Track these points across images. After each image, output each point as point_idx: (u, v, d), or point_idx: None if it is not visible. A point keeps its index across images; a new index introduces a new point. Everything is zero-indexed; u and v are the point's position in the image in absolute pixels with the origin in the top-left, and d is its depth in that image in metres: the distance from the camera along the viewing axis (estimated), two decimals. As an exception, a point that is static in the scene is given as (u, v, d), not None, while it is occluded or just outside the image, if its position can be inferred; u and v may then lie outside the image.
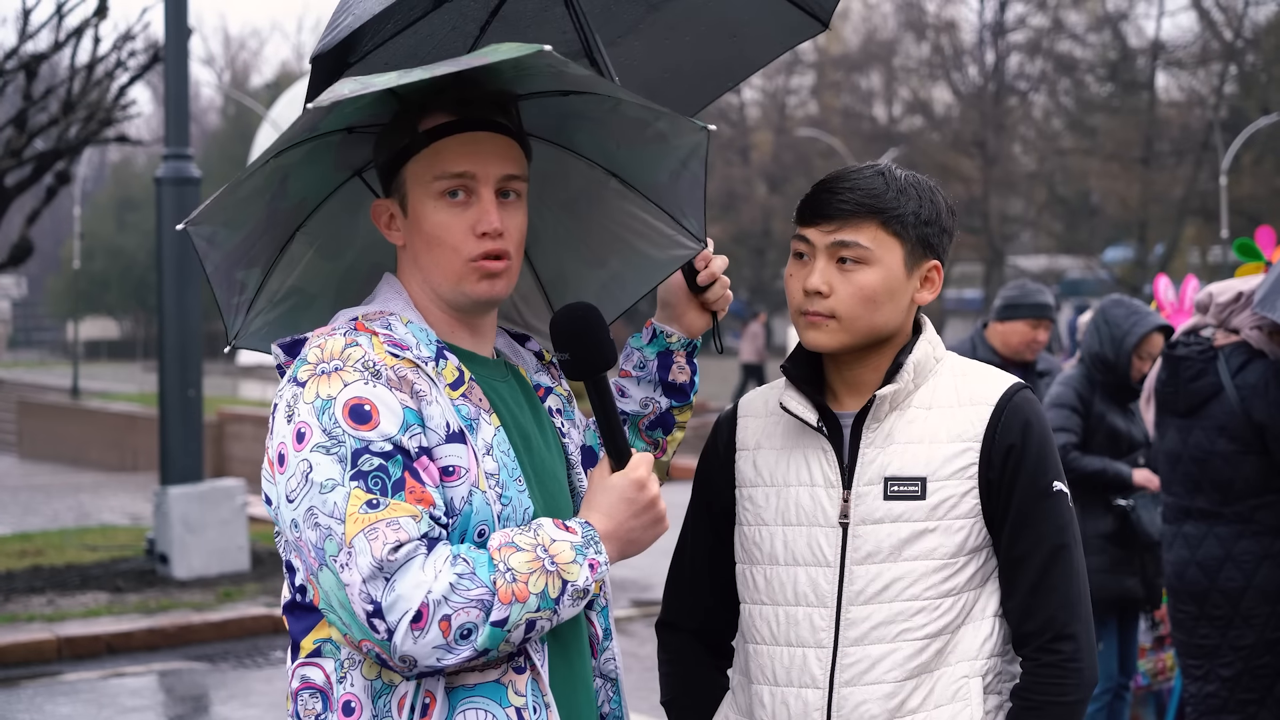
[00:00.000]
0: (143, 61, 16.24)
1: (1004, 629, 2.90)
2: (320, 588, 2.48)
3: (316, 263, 2.92)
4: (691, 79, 3.52)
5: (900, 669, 2.82)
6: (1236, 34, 51.15)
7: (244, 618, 11.84)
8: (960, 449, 2.87)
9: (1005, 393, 2.91)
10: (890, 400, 2.90)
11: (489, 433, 2.64)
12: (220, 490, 13.61)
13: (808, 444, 2.96)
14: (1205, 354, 5.77)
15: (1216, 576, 5.68)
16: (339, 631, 2.52)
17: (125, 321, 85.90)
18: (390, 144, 2.73)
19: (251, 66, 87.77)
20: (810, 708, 2.86)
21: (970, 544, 2.86)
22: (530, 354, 2.99)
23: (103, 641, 11.20)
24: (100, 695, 10.02)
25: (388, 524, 2.43)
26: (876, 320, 2.89)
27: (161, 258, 13.41)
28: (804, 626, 2.89)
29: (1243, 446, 5.64)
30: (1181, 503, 5.85)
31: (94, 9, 15.74)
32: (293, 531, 2.50)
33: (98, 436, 32.98)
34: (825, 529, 2.90)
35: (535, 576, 2.50)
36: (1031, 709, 2.83)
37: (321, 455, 2.48)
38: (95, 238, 69.08)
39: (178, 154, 13.40)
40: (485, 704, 2.57)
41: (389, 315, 2.69)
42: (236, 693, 10.14)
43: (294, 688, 2.64)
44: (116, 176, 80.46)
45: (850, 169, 2.94)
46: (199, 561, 13.26)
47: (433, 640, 2.42)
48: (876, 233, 2.86)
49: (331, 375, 2.54)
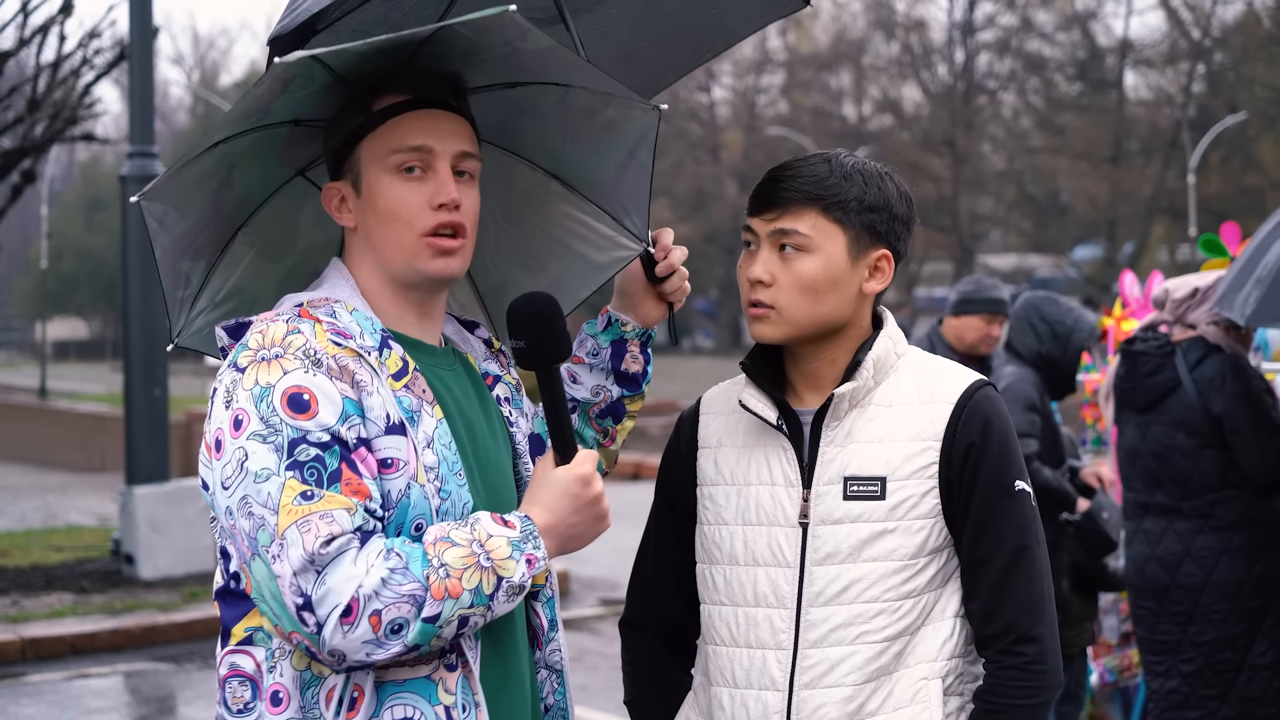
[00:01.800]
0: (109, 59, 16.14)
1: (965, 630, 2.85)
2: (253, 577, 2.45)
3: (258, 264, 2.88)
4: (667, 49, 3.40)
5: (859, 672, 2.77)
6: (1204, 33, 51.45)
7: (210, 618, 11.75)
8: (920, 448, 2.80)
9: (966, 391, 2.85)
10: (850, 398, 2.84)
11: (430, 425, 2.60)
12: (186, 490, 13.54)
13: (768, 443, 2.90)
14: (1163, 349, 5.80)
15: (1176, 572, 5.70)
16: (270, 622, 2.49)
17: (94, 321, 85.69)
18: (343, 126, 2.69)
19: (220, 66, 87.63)
20: (770, 710, 2.81)
21: (931, 544, 2.80)
22: (479, 341, 2.94)
23: (67, 642, 11.13)
24: (64, 696, 9.95)
25: (321, 516, 2.39)
26: (820, 311, 2.83)
27: (127, 256, 13.34)
28: (764, 628, 2.84)
29: (1201, 441, 5.66)
30: (1140, 498, 5.87)
31: (59, 7, 15.65)
32: (227, 519, 2.47)
33: (65, 437, 32.87)
34: (785, 529, 2.84)
35: (470, 573, 2.45)
36: (995, 711, 2.78)
37: (258, 444, 2.44)
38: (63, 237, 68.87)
39: (143, 152, 13.34)
40: (414, 700, 2.54)
41: (334, 302, 2.65)
42: (202, 693, 10.07)
43: (222, 674, 2.60)
44: (85, 176, 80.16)
45: (798, 158, 2.89)
46: (165, 561, 13.20)
47: (362, 635, 2.38)
48: (817, 219, 2.80)
49: (271, 363, 2.50)
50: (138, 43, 13.47)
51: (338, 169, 2.72)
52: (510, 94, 2.89)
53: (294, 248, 2.92)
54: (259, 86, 2.53)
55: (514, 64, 2.77)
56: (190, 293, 2.80)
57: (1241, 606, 5.60)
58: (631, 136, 2.92)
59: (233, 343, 2.63)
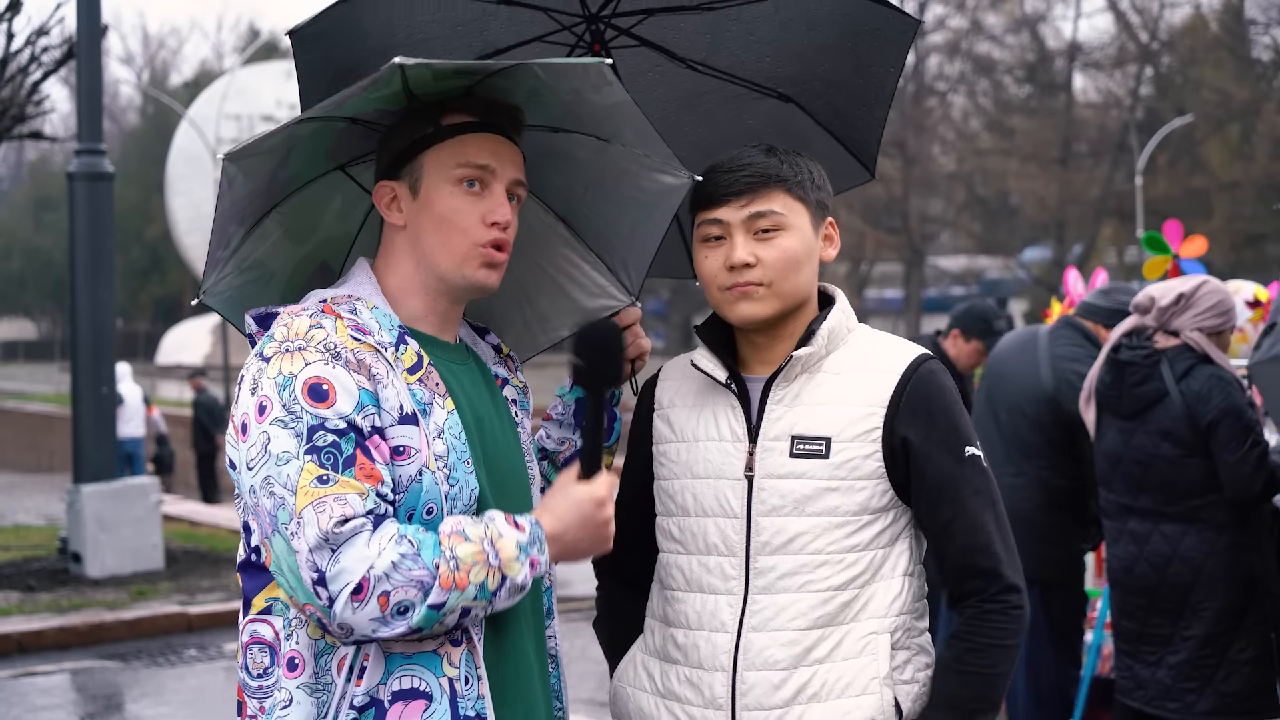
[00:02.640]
0: (57, 57, 16.05)
1: (913, 588, 3.01)
2: (272, 551, 2.62)
3: (283, 243, 3.02)
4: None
5: (804, 618, 2.92)
6: (1152, 36, 51.82)
7: (157, 615, 11.75)
8: (866, 413, 2.96)
9: (912, 362, 3.01)
10: (804, 362, 3.00)
11: (441, 416, 2.76)
12: (134, 488, 13.51)
13: (717, 401, 3.07)
14: (1150, 358, 5.80)
15: (1165, 572, 5.71)
16: (286, 593, 2.65)
17: (43, 322, 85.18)
18: (410, 131, 2.87)
19: (171, 65, 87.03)
20: (719, 650, 2.97)
21: (874, 504, 2.96)
22: (489, 346, 3.12)
23: (13, 640, 11.08)
24: (10, 694, 9.91)
25: (335, 499, 2.57)
26: (800, 282, 3.01)
27: (74, 254, 13.29)
28: (715, 574, 3.00)
29: (1187, 451, 5.68)
30: (1123, 501, 5.87)
31: (6, 4, 15.56)
32: (250, 497, 2.65)
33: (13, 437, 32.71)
34: (731, 481, 3.00)
35: (477, 568, 2.62)
36: (974, 650, 2.93)
37: (280, 429, 2.62)
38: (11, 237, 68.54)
39: (91, 149, 13.30)
40: (420, 671, 2.70)
41: (355, 300, 2.81)
42: (149, 690, 10.07)
43: (244, 641, 2.79)
44: (33, 175, 79.67)
45: (737, 151, 3.06)
46: (112, 560, 13.16)
47: (370, 613, 2.55)
48: (786, 199, 3.00)
49: (294, 354, 2.67)
50: (86, 40, 13.42)
51: (395, 170, 2.89)
52: (552, 138, 3.10)
53: (314, 235, 3.07)
54: (359, 82, 2.70)
55: (571, 112, 2.98)
56: (226, 254, 2.94)
57: (1227, 605, 5.65)
58: (654, 198, 3.13)
59: (260, 330, 2.83)
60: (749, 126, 3.59)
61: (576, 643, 9.69)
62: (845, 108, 3.55)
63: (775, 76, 3.54)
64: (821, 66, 3.48)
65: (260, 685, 2.75)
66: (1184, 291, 5.78)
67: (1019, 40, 54.74)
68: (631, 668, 3.17)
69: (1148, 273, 7.30)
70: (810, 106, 3.57)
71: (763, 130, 3.56)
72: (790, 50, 3.48)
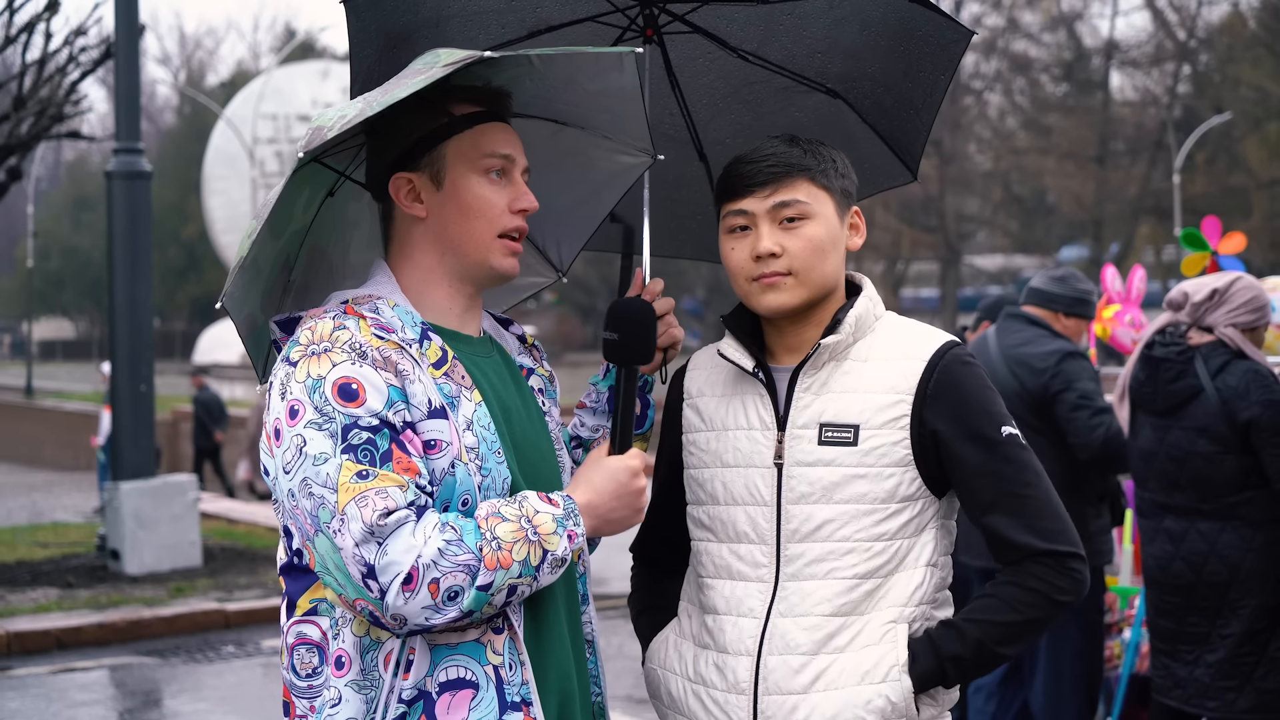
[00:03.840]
0: (94, 57, 16.13)
1: (935, 578, 3.01)
2: (316, 552, 2.65)
3: (267, 239, 3.00)
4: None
5: (828, 604, 2.94)
6: (1190, 34, 51.57)
7: (195, 612, 11.80)
8: (893, 400, 2.97)
9: (939, 349, 3.02)
10: (831, 350, 3.01)
11: (469, 409, 2.79)
12: (172, 486, 13.56)
13: (746, 390, 3.09)
14: (1184, 355, 5.77)
15: (1202, 570, 5.68)
16: (334, 592, 2.67)
17: (80, 321, 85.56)
18: (421, 123, 2.88)
19: (207, 65, 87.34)
20: (745, 635, 3.00)
21: (901, 492, 2.97)
22: (513, 337, 3.16)
23: (52, 637, 11.14)
24: (50, 690, 9.97)
25: (376, 492, 2.60)
26: (826, 269, 3.02)
27: (113, 252, 13.35)
28: (746, 562, 3.03)
29: (1223, 447, 5.65)
30: (1158, 499, 5.84)
31: (45, 5, 15.65)
32: (289, 500, 2.68)
33: (51, 436, 32.87)
34: (761, 470, 3.03)
35: (519, 545, 2.67)
36: (1019, 587, 2.93)
37: (314, 431, 2.65)
38: (50, 236, 68.81)
39: (129, 148, 13.35)
40: (465, 661, 2.74)
41: (376, 299, 2.84)
42: (187, 686, 10.11)
43: (290, 642, 2.81)
44: (71, 175, 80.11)
45: (760, 143, 3.08)
46: (150, 557, 13.21)
47: (422, 601, 2.59)
48: (810, 188, 3.01)
49: (321, 356, 2.70)
50: (124, 40, 13.48)
51: (409, 162, 2.90)
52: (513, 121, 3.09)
53: (285, 229, 3.05)
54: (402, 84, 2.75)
55: (541, 97, 3.06)
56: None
57: (1265, 602, 5.62)
58: (606, 177, 3.19)
59: (284, 336, 2.87)
60: (795, 118, 3.60)
61: (613, 640, 9.70)
62: (893, 108, 3.55)
63: (825, 72, 3.54)
64: (872, 66, 3.49)
65: (309, 685, 2.78)
66: (1218, 287, 5.76)
67: (1056, 38, 54.56)
68: (664, 649, 3.19)
69: (1186, 269, 7.27)
70: (858, 104, 3.57)
71: (809, 123, 3.57)
72: (842, 48, 3.49)
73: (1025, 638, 2.97)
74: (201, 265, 67.91)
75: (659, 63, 3.49)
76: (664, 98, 3.55)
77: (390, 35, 3.25)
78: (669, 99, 3.56)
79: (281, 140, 49.92)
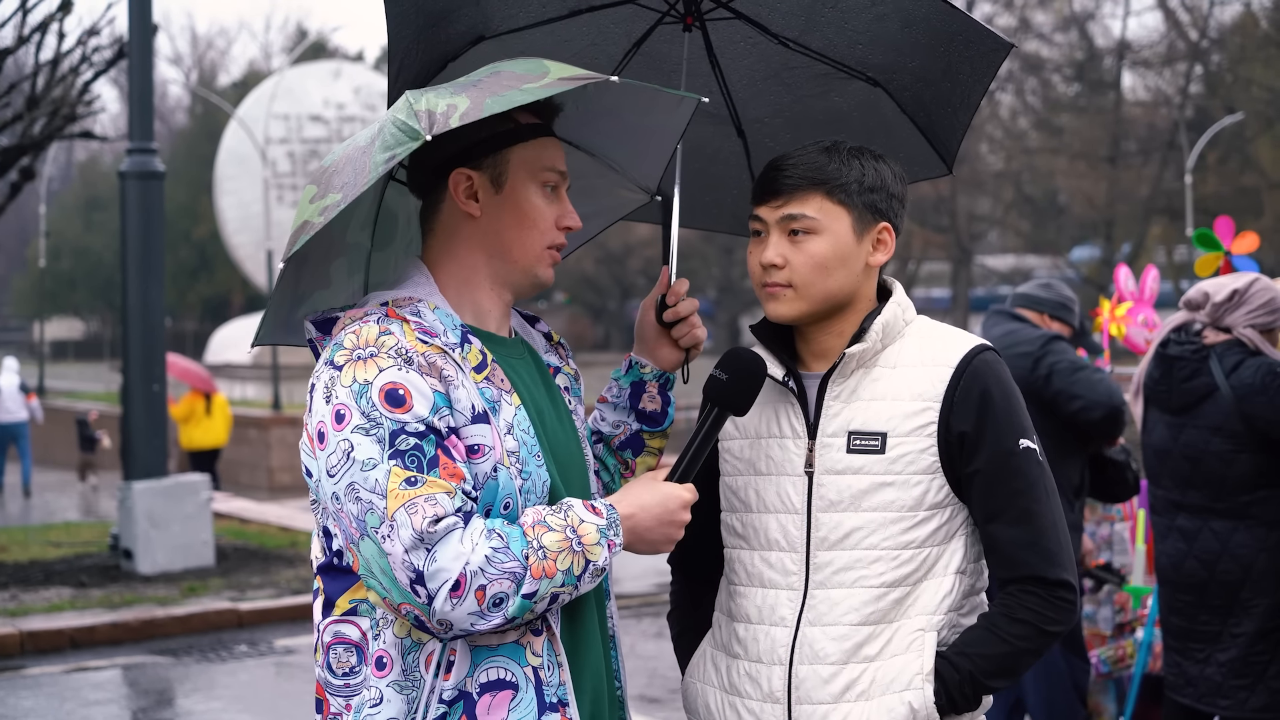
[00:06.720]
0: (107, 57, 16.17)
1: (963, 586, 3.01)
2: (361, 555, 2.68)
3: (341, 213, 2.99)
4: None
5: (856, 613, 2.96)
6: (1202, 34, 51.48)
7: (208, 612, 11.83)
8: (920, 407, 2.98)
9: (966, 355, 3.02)
10: (858, 358, 3.03)
11: (510, 413, 2.83)
12: (185, 485, 13.58)
13: (777, 399, 3.10)
14: (1199, 353, 5.77)
15: (1214, 569, 5.68)
16: (378, 595, 2.70)
17: (92, 321, 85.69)
18: (487, 124, 2.85)
19: (219, 65, 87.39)
20: (777, 644, 3.02)
21: (929, 500, 2.98)
22: (540, 335, 3.19)
23: (66, 636, 11.18)
24: (63, 689, 10.00)
25: (425, 499, 2.63)
26: (830, 286, 3.02)
27: (126, 252, 13.38)
28: (777, 569, 3.05)
29: (1237, 445, 5.64)
30: (1171, 496, 5.83)
31: (58, 4, 15.68)
32: (334, 503, 2.70)
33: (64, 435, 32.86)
34: (792, 478, 3.04)
35: (563, 555, 2.70)
36: (1009, 619, 2.95)
37: (362, 436, 2.67)
38: (61, 237, 68.87)
39: (142, 148, 13.38)
40: (505, 663, 2.77)
41: (417, 301, 2.86)
42: (200, 685, 10.13)
43: (327, 641, 2.83)
44: (83, 175, 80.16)
45: (798, 148, 3.08)
46: (163, 556, 13.24)
47: (469, 607, 2.62)
48: (822, 203, 3.00)
49: (367, 361, 2.72)
50: (137, 40, 13.51)
51: (470, 159, 2.91)
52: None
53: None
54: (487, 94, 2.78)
55: (574, 120, 3.10)
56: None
57: (1278, 602, 5.62)
58: (597, 207, 3.30)
59: (320, 335, 2.89)
60: (834, 103, 3.63)
61: (625, 639, 9.68)
62: (931, 103, 3.56)
63: (866, 62, 3.55)
64: (913, 61, 3.50)
65: (346, 684, 2.80)
66: (1238, 288, 5.76)
67: (1067, 38, 54.49)
68: (701, 662, 3.21)
69: (1199, 269, 7.25)
70: (898, 95, 3.58)
71: (848, 109, 3.61)
72: (883, 42, 3.50)
73: (1016, 670, 2.98)
74: (213, 265, 67.93)
75: (699, 45, 3.50)
76: (704, 76, 3.56)
77: (430, 14, 3.25)
78: (709, 78, 3.58)
79: (293, 140, 49.88)
